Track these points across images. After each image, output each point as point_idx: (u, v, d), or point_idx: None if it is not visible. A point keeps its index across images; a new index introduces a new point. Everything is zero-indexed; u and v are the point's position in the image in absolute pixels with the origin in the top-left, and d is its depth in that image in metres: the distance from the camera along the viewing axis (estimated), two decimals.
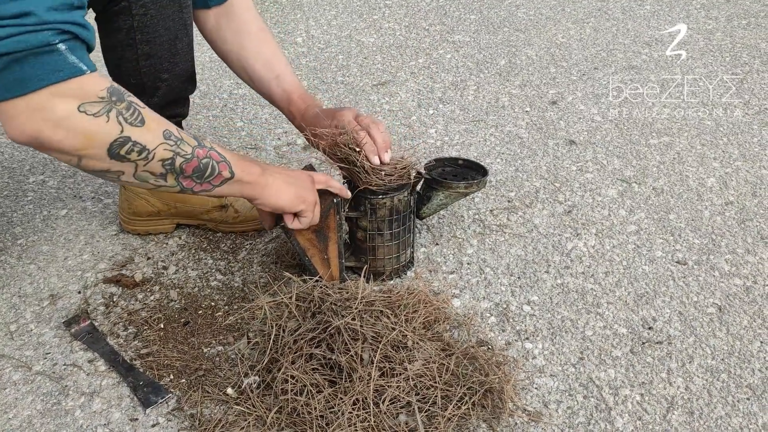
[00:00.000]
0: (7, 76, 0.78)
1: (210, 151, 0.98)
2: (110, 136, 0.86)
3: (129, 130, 0.88)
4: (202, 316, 1.22)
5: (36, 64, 0.79)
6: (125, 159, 0.89)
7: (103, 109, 0.85)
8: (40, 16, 0.78)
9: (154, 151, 0.91)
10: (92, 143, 0.86)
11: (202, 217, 1.42)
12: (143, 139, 0.89)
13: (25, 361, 1.13)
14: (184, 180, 0.97)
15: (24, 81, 0.79)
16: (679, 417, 1.02)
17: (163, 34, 1.22)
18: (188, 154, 0.95)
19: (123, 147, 0.88)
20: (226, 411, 1.02)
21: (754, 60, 2.26)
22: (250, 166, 1.04)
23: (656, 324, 1.20)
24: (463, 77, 2.19)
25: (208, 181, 0.99)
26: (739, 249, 1.39)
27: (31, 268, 1.35)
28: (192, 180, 0.97)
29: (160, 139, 0.91)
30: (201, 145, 0.97)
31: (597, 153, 1.75)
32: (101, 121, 0.85)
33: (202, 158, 0.97)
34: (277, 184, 1.08)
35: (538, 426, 1.01)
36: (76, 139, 0.84)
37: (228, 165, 1.00)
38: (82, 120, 0.83)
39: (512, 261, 1.36)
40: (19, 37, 0.77)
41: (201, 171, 0.97)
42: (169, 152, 0.93)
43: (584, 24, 2.60)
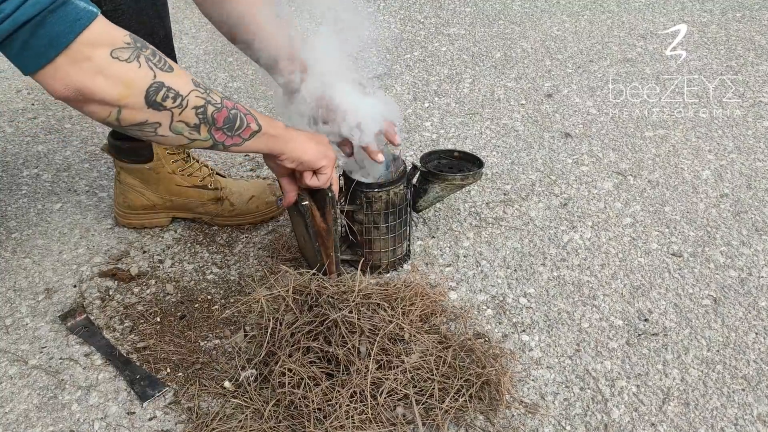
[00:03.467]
0: (37, 42, 0.80)
1: (236, 103, 0.98)
2: (146, 82, 0.87)
3: (161, 75, 0.88)
4: (199, 309, 1.22)
5: (56, 21, 0.80)
6: (161, 107, 0.89)
7: (132, 55, 0.85)
8: None
9: (187, 97, 0.90)
10: (130, 90, 0.86)
11: (197, 210, 1.42)
12: (176, 84, 0.89)
13: (21, 355, 1.13)
14: (216, 132, 0.96)
15: (54, 40, 0.80)
16: (675, 408, 1.03)
17: (138, 29, 1.20)
18: (218, 103, 0.95)
19: (158, 93, 0.88)
20: (224, 404, 1.02)
21: (749, 53, 2.26)
22: (274, 121, 1.05)
23: (652, 316, 1.20)
24: (458, 70, 2.18)
25: (237, 134, 0.98)
26: (734, 241, 1.39)
27: (26, 262, 1.34)
28: (223, 132, 0.97)
29: (190, 85, 0.91)
30: (227, 97, 0.97)
31: (592, 146, 1.75)
32: (134, 66, 0.85)
33: (231, 108, 0.96)
34: (301, 138, 1.08)
35: (535, 418, 1.01)
36: (115, 86, 0.85)
37: (254, 118, 1.00)
38: (118, 66, 0.84)
39: (508, 253, 1.36)
40: (29, 2, 0.78)
41: (231, 122, 0.97)
42: (201, 99, 0.92)
43: (579, 17, 2.60)
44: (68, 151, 1.73)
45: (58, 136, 1.81)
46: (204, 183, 1.40)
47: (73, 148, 1.75)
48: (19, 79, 2.13)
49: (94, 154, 1.71)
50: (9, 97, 2.02)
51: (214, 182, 1.41)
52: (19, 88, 2.08)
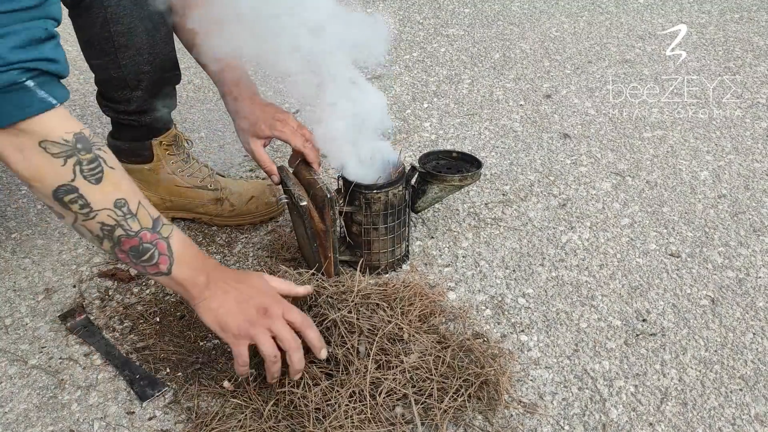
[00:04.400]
0: None
1: (160, 240, 0.93)
2: (58, 180, 0.86)
3: (80, 182, 0.86)
4: None
5: (5, 102, 0.80)
6: (67, 206, 0.88)
7: (62, 153, 0.85)
8: (4, 58, 0.78)
9: (97, 212, 0.89)
10: (41, 179, 0.86)
11: (197, 210, 1.42)
12: (91, 196, 0.88)
13: (20, 355, 1.13)
14: (120, 253, 0.93)
15: None
16: (673, 408, 1.03)
17: (139, 25, 1.21)
18: (132, 231, 0.91)
19: (68, 195, 0.86)
20: (223, 404, 1.03)
21: (747, 54, 2.27)
22: (196, 274, 0.96)
23: (650, 316, 1.21)
24: (457, 71, 2.19)
25: (142, 265, 0.94)
26: (731, 242, 1.40)
27: (26, 262, 1.34)
28: (128, 256, 0.93)
29: (108, 204, 0.89)
30: (154, 230, 0.93)
31: (591, 146, 1.75)
32: (57, 163, 0.85)
33: (145, 242, 0.92)
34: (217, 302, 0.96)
35: (534, 417, 1.01)
36: (29, 169, 0.85)
37: (170, 262, 0.94)
38: (40, 156, 0.84)
39: (507, 254, 1.37)
40: None
41: (139, 253, 0.93)
42: (112, 220, 0.90)
43: (578, 18, 2.61)
44: None
45: None
46: (204, 183, 1.40)
47: None
48: None
49: None
50: None
51: (214, 183, 1.41)
52: None
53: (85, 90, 2.05)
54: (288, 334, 0.95)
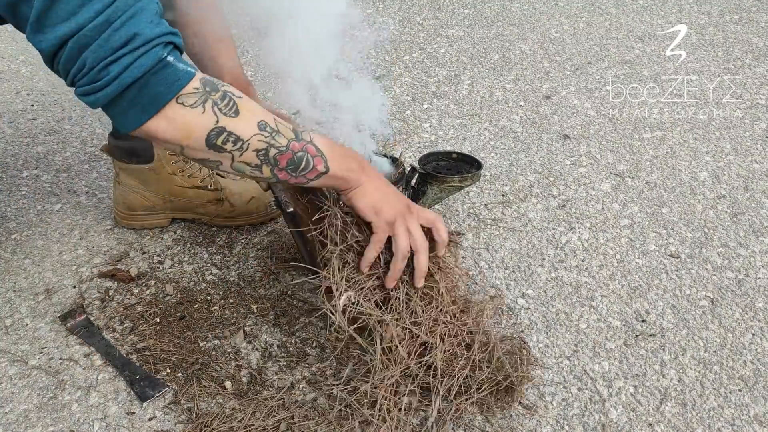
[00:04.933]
0: (141, 101, 0.84)
1: (307, 144, 0.96)
2: (207, 127, 0.88)
3: (224, 120, 0.89)
4: (198, 310, 1.22)
5: (158, 82, 0.83)
6: (222, 149, 0.90)
7: (199, 100, 0.87)
8: (145, 36, 0.81)
9: (248, 141, 0.91)
10: (191, 134, 0.88)
11: (197, 211, 1.42)
12: (238, 129, 0.90)
13: (21, 355, 1.13)
14: (279, 172, 0.95)
15: (156, 99, 0.84)
16: (672, 408, 1.03)
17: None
18: (282, 146, 0.93)
19: (219, 137, 0.89)
20: (223, 404, 1.03)
21: (746, 55, 2.27)
22: (348, 161, 1.00)
23: (649, 317, 1.21)
24: (457, 72, 2.19)
25: (303, 175, 0.97)
26: (731, 242, 1.40)
27: (26, 262, 1.34)
28: (287, 172, 0.96)
29: (254, 129, 0.91)
30: (298, 138, 0.95)
31: (591, 147, 1.76)
32: (197, 112, 0.87)
33: (297, 151, 0.95)
34: (373, 186, 1.02)
35: (534, 418, 1.02)
36: (176, 130, 0.87)
37: (324, 160, 0.97)
38: (180, 111, 0.86)
39: (507, 255, 1.37)
40: (136, 63, 0.81)
41: (295, 164, 0.95)
42: (263, 143, 0.92)
43: (577, 18, 2.61)
44: (68, 152, 1.74)
45: (58, 137, 1.81)
46: (204, 183, 1.40)
47: (72, 149, 1.75)
48: (18, 80, 2.13)
49: (93, 155, 1.72)
50: (8, 98, 2.02)
51: (214, 183, 1.41)
52: (19, 89, 2.08)
53: None
54: (422, 236, 1.02)
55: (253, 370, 1.10)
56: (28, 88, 2.08)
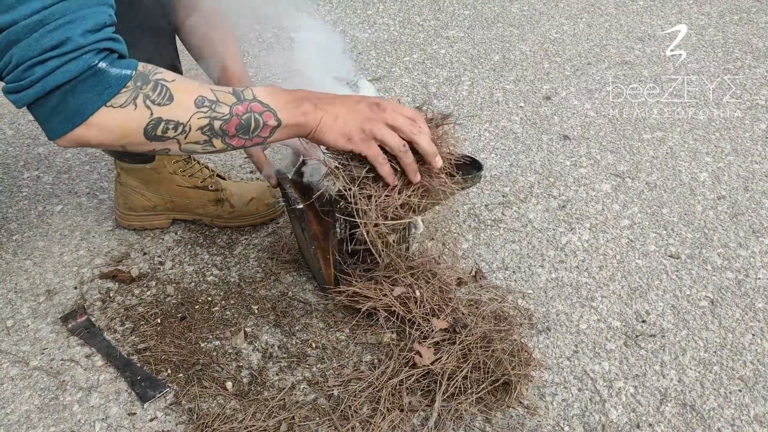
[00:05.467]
0: (65, 108, 0.82)
1: (251, 103, 0.93)
2: (142, 122, 0.87)
3: (158, 110, 0.87)
4: (199, 311, 1.23)
5: (87, 89, 0.82)
6: (164, 138, 0.89)
7: (129, 99, 0.85)
8: (76, 42, 0.79)
9: (188, 123, 0.89)
10: (127, 133, 0.87)
11: (197, 211, 1.42)
12: (175, 115, 0.88)
13: (22, 356, 1.14)
14: (231, 140, 0.94)
15: (83, 106, 0.83)
16: (673, 409, 1.03)
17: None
18: (225, 115, 0.92)
19: (158, 128, 0.88)
20: (224, 405, 1.03)
21: (746, 55, 2.27)
22: (299, 105, 0.97)
23: (649, 317, 1.21)
24: (457, 72, 2.19)
25: (257, 135, 0.95)
26: (731, 243, 1.40)
27: (27, 263, 1.35)
28: (239, 138, 0.94)
29: (192, 109, 0.90)
30: (240, 100, 0.93)
31: (591, 148, 1.76)
32: (129, 110, 0.86)
33: (242, 114, 0.93)
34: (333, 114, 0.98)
35: (534, 419, 1.02)
36: (110, 133, 0.86)
37: (272, 113, 0.95)
38: (111, 115, 0.85)
39: (507, 255, 1.37)
40: (63, 68, 0.80)
41: (245, 127, 0.93)
42: (205, 119, 0.90)
43: (578, 19, 2.61)
44: (68, 154, 1.74)
45: None
46: (205, 184, 1.41)
47: (73, 150, 1.75)
48: None
49: (94, 157, 1.72)
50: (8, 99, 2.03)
51: (215, 183, 1.41)
52: None
53: None
54: (406, 121, 0.97)
55: (253, 371, 1.10)
56: None
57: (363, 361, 1.11)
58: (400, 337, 1.13)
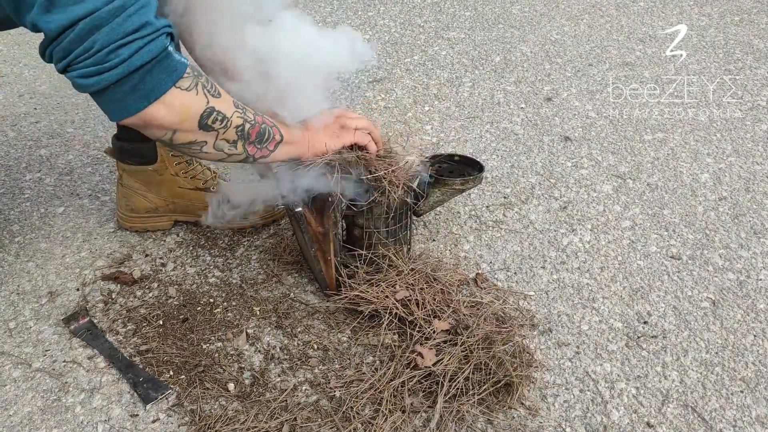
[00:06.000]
0: (143, 87, 0.88)
1: (264, 117, 1.05)
2: (200, 108, 0.94)
3: (213, 101, 0.95)
4: (201, 312, 1.23)
5: (160, 71, 0.88)
6: (211, 128, 0.96)
7: (192, 83, 0.92)
8: (154, 24, 0.86)
9: (230, 118, 0.98)
10: (187, 116, 0.93)
11: (199, 213, 1.42)
12: (223, 108, 0.96)
13: (24, 358, 1.14)
14: (249, 146, 1.03)
15: (158, 86, 0.89)
16: (674, 410, 1.03)
17: None
18: (252, 120, 1.02)
19: (210, 117, 0.95)
20: (226, 406, 1.03)
21: (747, 56, 2.27)
22: (291, 129, 1.10)
23: (651, 318, 1.21)
24: (458, 74, 2.19)
25: (265, 146, 1.05)
26: (732, 244, 1.40)
27: (30, 265, 1.35)
28: (254, 146, 1.03)
29: (233, 107, 0.98)
30: (258, 113, 1.04)
31: (592, 149, 1.76)
32: (192, 95, 0.92)
33: (261, 124, 1.03)
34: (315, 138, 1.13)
35: (536, 420, 1.02)
36: (174, 114, 0.92)
37: (278, 128, 1.07)
38: (178, 95, 0.91)
39: (508, 256, 1.37)
40: (146, 48, 0.85)
41: (261, 135, 1.03)
42: (240, 119, 0.99)
43: (578, 21, 2.61)
44: (70, 155, 1.74)
45: (61, 140, 1.82)
46: (207, 185, 1.41)
47: (75, 152, 1.76)
48: (21, 83, 2.14)
49: (96, 158, 1.72)
50: (11, 102, 2.03)
51: (217, 185, 1.42)
52: (21, 92, 2.09)
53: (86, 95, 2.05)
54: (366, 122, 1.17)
55: (255, 373, 1.10)
56: (31, 92, 2.09)
57: (365, 362, 1.12)
58: (401, 338, 1.14)
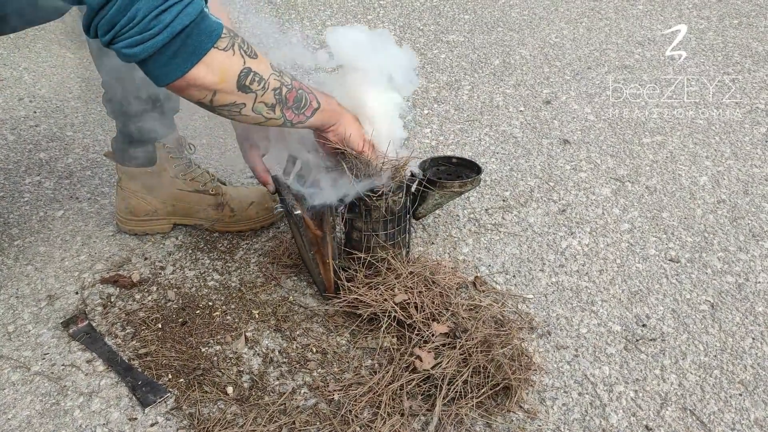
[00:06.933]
0: (185, 50, 0.88)
1: (301, 83, 1.05)
2: (237, 68, 0.94)
3: (249, 61, 0.95)
4: (200, 315, 1.23)
5: (200, 33, 0.88)
6: (249, 90, 0.96)
7: (229, 44, 0.92)
8: None
9: (268, 80, 0.98)
10: (226, 76, 0.93)
11: (198, 215, 1.43)
12: (260, 69, 0.97)
13: (23, 361, 1.14)
14: (287, 111, 1.03)
15: (199, 47, 0.89)
16: (673, 413, 1.03)
17: None
18: (289, 84, 1.02)
19: (247, 77, 0.95)
20: (225, 410, 1.03)
21: (746, 59, 2.28)
22: (329, 97, 1.12)
23: (650, 321, 1.21)
24: (457, 77, 2.20)
25: (302, 112, 1.05)
26: (731, 247, 1.40)
27: (29, 269, 1.35)
28: (292, 111, 1.04)
29: (270, 69, 0.99)
30: (294, 77, 1.04)
31: (591, 152, 1.76)
32: (229, 55, 0.93)
33: (298, 89, 1.03)
34: (349, 117, 1.15)
35: (534, 423, 1.02)
36: (214, 74, 0.92)
37: (315, 96, 1.07)
38: (217, 56, 0.91)
39: (507, 259, 1.37)
40: (184, 12, 0.85)
41: (299, 101, 1.04)
42: (278, 82, 1.00)
43: (577, 24, 2.62)
44: (70, 159, 1.74)
45: (60, 143, 1.82)
46: (205, 188, 1.41)
47: (74, 155, 1.76)
48: (20, 87, 2.14)
49: (95, 162, 1.72)
50: (11, 105, 2.03)
51: (215, 188, 1.42)
52: (21, 96, 2.09)
53: (87, 97, 2.06)
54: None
55: (254, 376, 1.10)
56: (31, 95, 2.09)
57: (363, 365, 1.12)
58: (400, 341, 1.14)
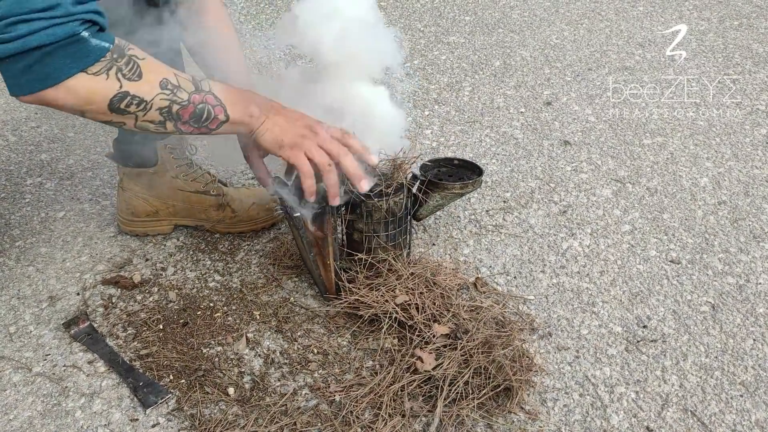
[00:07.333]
0: (40, 69, 0.85)
1: (207, 95, 1.01)
2: (110, 93, 0.91)
3: (127, 85, 0.92)
4: (201, 316, 1.23)
5: (65, 56, 0.85)
6: (125, 112, 0.94)
7: (103, 68, 0.89)
8: (66, 8, 0.83)
9: (151, 101, 0.95)
10: (93, 100, 0.91)
11: (199, 216, 1.43)
12: (141, 91, 0.94)
13: (25, 362, 1.14)
14: (183, 125, 1.01)
15: (58, 71, 0.86)
16: (674, 414, 1.04)
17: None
18: (184, 101, 0.98)
19: (122, 101, 0.93)
20: (226, 411, 1.03)
21: (746, 61, 2.28)
22: (247, 106, 1.05)
23: (651, 322, 1.21)
24: (458, 78, 2.20)
25: (205, 126, 1.02)
26: (732, 248, 1.40)
27: (30, 270, 1.35)
28: (189, 125, 1.01)
29: (156, 89, 0.95)
30: (198, 90, 1.00)
31: (591, 153, 1.76)
32: (101, 79, 0.90)
33: (198, 104, 1.00)
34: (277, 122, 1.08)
35: (535, 424, 1.02)
36: (77, 98, 0.90)
37: (223, 108, 1.03)
38: (83, 80, 0.88)
39: (508, 261, 1.37)
40: (49, 30, 0.82)
41: (197, 116, 1.00)
42: (166, 101, 0.96)
43: (578, 25, 2.62)
44: (71, 160, 1.75)
45: (61, 144, 1.82)
46: (206, 189, 1.41)
47: (76, 156, 1.76)
48: None
49: (97, 163, 1.73)
50: (12, 106, 2.04)
51: (217, 189, 1.42)
52: None
53: None
54: (336, 145, 1.08)
55: (255, 377, 1.10)
56: None
57: (364, 366, 1.12)
58: (401, 342, 1.14)
